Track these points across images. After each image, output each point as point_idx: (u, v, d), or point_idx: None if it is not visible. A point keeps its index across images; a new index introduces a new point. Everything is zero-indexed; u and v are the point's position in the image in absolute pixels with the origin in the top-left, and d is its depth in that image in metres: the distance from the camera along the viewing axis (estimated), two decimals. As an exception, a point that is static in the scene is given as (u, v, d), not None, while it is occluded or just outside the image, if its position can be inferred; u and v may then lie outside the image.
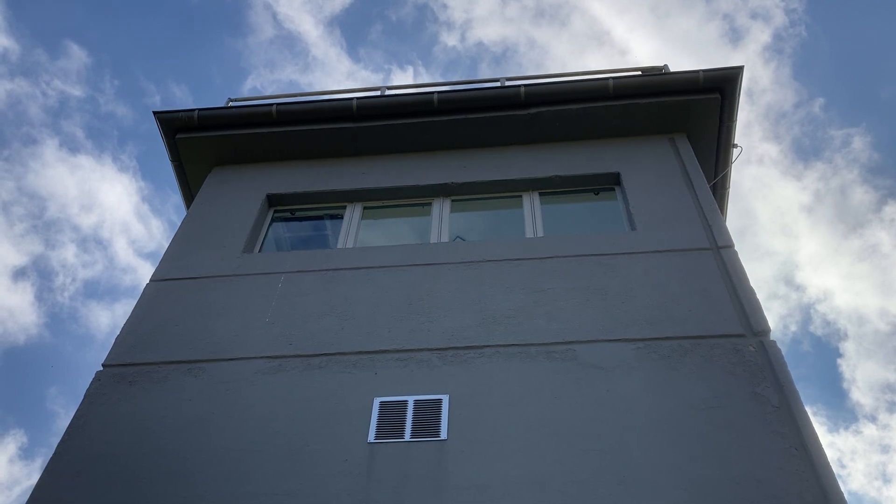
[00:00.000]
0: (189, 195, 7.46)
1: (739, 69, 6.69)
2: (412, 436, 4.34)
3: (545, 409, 4.41)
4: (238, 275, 5.80)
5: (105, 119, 21.16)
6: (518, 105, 6.93)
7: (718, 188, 7.30)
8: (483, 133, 7.00)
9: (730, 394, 4.38)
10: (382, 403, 4.57)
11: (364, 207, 6.72)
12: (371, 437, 4.36)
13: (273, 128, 7.10)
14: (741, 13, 19.35)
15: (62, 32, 19.88)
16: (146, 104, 21.60)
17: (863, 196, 19.18)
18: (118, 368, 5.08)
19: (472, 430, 4.34)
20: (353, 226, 6.50)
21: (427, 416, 4.45)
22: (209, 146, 7.19)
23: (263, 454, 4.35)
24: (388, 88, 7.63)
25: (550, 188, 6.61)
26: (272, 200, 6.83)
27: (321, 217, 6.88)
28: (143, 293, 5.74)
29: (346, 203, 6.76)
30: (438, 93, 7.03)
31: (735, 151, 7.05)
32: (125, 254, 21.40)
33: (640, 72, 7.25)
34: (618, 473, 4.00)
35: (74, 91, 20.12)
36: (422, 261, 5.73)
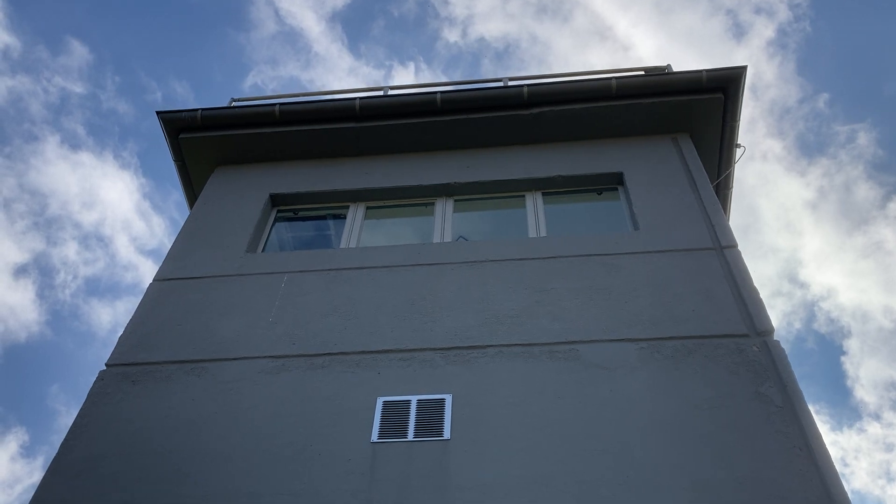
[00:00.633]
0: (192, 195, 7.47)
1: (743, 69, 6.68)
2: (415, 436, 4.34)
3: (548, 409, 4.41)
4: (241, 275, 5.81)
5: (106, 116, 21.20)
6: (521, 105, 6.93)
7: (721, 188, 7.29)
8: (486, 133, 7.00)
9: (733, 394, 4.38)
10: (385, 403, 4.57)
11: (367, 207, 6.72)
12: (374, 437, 4.36)
13: (276, 128, 7.11)
14: (745, 8, 19.31)
15: (63, 29, 19.93)
16: (147, 101, 21.63)
17: (867, 192, 19.14)
18: (121, 368, 5.09)
19: (476, 430, 4.34)
20: (356, 226, 6.50)
21: (430, 416, 4.45)
22: (212, 146, 7.20)
23: (266, 454, 4.35)
24: (391, 88, 7.64)
25: (553, 188, 6.61)
26: (275, 200, 6.84)
27: (324, 217, 6.88)
28: (147, 293, 5.75)
29: (349, 203, 6.76)
30: (441, 93, 7.03)
31: (738, 151, 7.05)
32: (126, 251, 21.44)
33: (644, 71, 7.26)
34: (621, 473, 4.00)
35: (76, 88, 20.17)
36: (425, 261, 5.73)
